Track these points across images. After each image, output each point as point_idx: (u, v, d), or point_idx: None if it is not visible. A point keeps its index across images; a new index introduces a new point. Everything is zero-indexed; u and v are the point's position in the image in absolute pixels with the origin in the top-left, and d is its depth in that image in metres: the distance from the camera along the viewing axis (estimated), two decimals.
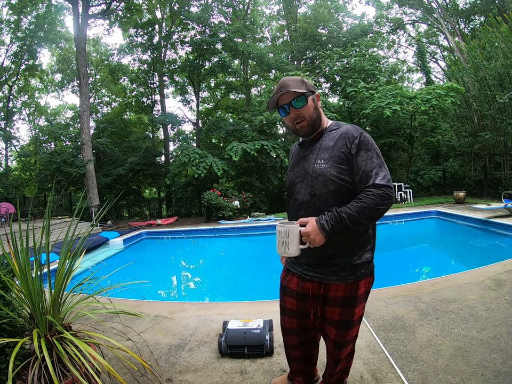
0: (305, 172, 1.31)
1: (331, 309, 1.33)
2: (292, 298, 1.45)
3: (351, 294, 1.30)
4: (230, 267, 6.07)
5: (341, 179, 1.22)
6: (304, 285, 1.38)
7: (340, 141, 1.25)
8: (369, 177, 1.18)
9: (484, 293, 2.78)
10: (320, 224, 1.17)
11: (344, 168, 1.22)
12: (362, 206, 1.14)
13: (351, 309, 1.31)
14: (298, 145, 1.46)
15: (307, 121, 1.29)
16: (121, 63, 18.54)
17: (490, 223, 6.42)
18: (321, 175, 1.24)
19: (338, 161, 1.23)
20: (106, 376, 1.53)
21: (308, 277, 1.36)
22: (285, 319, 1.52)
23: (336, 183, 1.22)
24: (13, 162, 22.38)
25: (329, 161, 1.24)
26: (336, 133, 1.29)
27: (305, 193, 1.29)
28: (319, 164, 1.26)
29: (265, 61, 14.26)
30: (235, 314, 2.71)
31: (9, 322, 1.46)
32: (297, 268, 1.42)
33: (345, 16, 19.49)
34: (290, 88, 1.25)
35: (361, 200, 1.16)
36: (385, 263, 5.48)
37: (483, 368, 1.77)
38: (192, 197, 14.67)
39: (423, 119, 12.88)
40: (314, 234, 1.16)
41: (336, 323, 1.34)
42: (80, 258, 1.83)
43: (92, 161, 12.37)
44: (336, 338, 1.37)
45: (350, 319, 1.33)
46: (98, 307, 2.17)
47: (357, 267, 1.28)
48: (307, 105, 1.28)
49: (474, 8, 17.20)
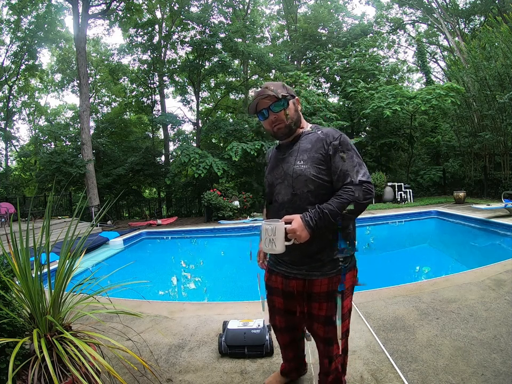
0: (285, 173, 1.35)
1: (317, 305, 1.37)
2: (279, 297, 1.50)
3: (334, 288, 1.34)
4: (230, 267, 6.07)
5: (320, 178, 1.29)
6: (288, 283, 1.42)
7: (318, 143, 1.32)
8: (348, 176, 1.25)
9: (483, 293, 2.78)
10: (305, 221, 1.22)
11: (322, 168, 1.29)
12: (343, 202, 1.21)
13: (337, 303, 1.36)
14: (276, 148, 1.51)
15: (290, 120, 1.35)
16: (121, 63, 18.54)
17: (490, 223, 6.42)
18: (302, 175, 1.30)
19: (317, 162, 1.30)
20: (106, 376, 1.53)
21: (292, 275, 1.40)
22: (275, 317, 1.58)
23: (315, 182, 1.29)
24: (13, 162, 22.40)
25: (308, 162, 1.30)
26: (314, 136, 1.35)
27: (285, 194, 1.35)
28: (299, 165, 1.32)
29: (265, 61, 14.25)
30: (235, 314, 2.71)
31: (9, 322, 1.46)
32: (280, 267, 1.45)
33: (345, 16, 19.50)
34: (270, 92, 1.31)
35: (341, 197, 1.22)
36: (385, 263, 5.48)
37: (483, 368, 1.77)
38: (192, 197, 14.66)
39: (423, 119, 12.87)
40: (300, 230, 1.21)
41: (323, 318, 1.37)
42: (80, 258, 1.83)
43: (91, 161, 12.37)
44: (325, 334, 1.39)
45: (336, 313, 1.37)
46: (98, 307, 2.17)
47: (337, 261, 1.33)
48: (288, 108, 1.34)
49: (474, 8, 17.20)
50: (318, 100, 11.93)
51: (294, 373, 1.76)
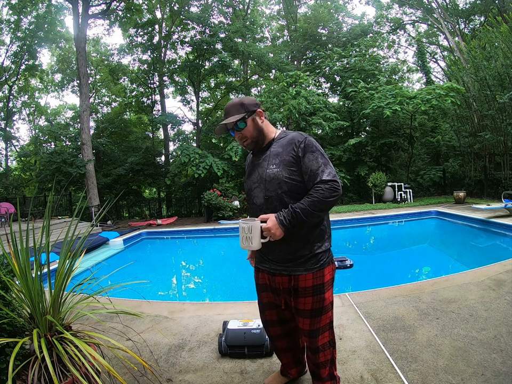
0: (261, 177, 1.46)
1: (303, 300, 1.45)
2: (267, 292, 1.58)
3: (318, 282, 1.44)
4: (230, 267, 6.07)
5: (292, 179, 1.38)
6: (274, 279, 1.50)
7: (287, 146, 1.41)
8: (317, 175, 1.33)
9: (484, 293, 2.78)
10: (279, 220, 1.31)
11: (294, 170, 1.38)
12: (313, 200, 1.29)
13: (321, 295, 1.45)
14: (252, 154, 1.61)
15: (250, 139, 1.48)
16: (121, 63, 18.55)
17: (490, 223, 6.42)
18: (275, 178, 1.39)
19: (288, 164, 1.39)
20: (106, 376, 1.53)
21: (277, 271, 1.48)
22: (265, 313, 1.64)
23: (288, 184, 1.37)
24: (13, 162, 22.40)
25: (280, 165, 1.39)
26: (283, 140, 1.45)
27: (262, 196, 1.44)
28: (272, 169, 1.41)
29: (265, 61, 14.25)
30: (235, 314, 2.71)
31: (9, 322, 1.46)
32: (265, 264, 1.53)
33: (345, 16, 19.47)
34: (231, 115, 1.45)
35: (312, 196, 1.31)
36: (385, 263, 5.48)
37: (483, 368, 1.77)
38: (192, 197, 14.66)
39: (423, 119, 12.87)
40: (275, 229, 1.30)
41: (309, 312, 1.46)
42: (80, 258, 1.83)
43: (91, 161, 12.37)
44: (310, 327, 1.48)
45: (321, 305, 1.46)
46: (98, 307, 2.17)
47: (318, 255, 1.43)
48: (247, 127, 1.45)
49: (474, 8, 17.19)
50: (318, 99, 11.93)
51: (293, 368, 1.74)
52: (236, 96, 20.04)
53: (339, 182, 1.33)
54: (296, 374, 1.76)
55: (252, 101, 1.48)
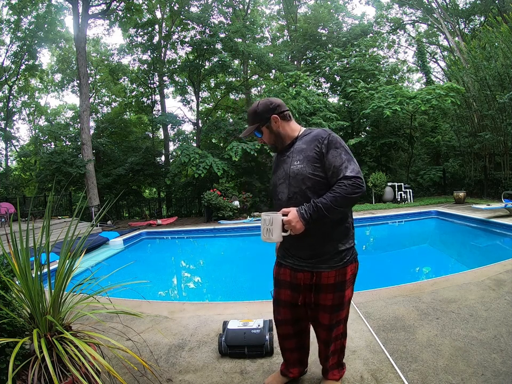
0: (286, 174, 1.49)
1: (324, 296, 1.48)
2: (286, 289, 1.57)
3: (340, 279, 1.46)
4: (230, 267, 6.07)
5: (316, 175, 1.40)
6: (296, 275, 1.51)
7: (311, 143, 1.44)
8: (340, 171, 1.34)
9: (484, 293, 2.78)
10: (300, 213, 1.34)
11: (317, 166, 1.40)
12: (335, 196, 1.30)
13: (342, 292, 1.48)
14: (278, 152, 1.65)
15: (269, 144, 1.58)
16: (121, 63, 18.54)
17: (490, 223, 6.42)
18: (299, 174, 1.42)
19: (312, 160, 1.41)
20: (106, 376, 1.53)
21: (300, 267, 1.49)
22: (279, 310, 1.63)
23: (312, 180, 1.40)
24: (13, 162, 22.39)
25: (304, 161, 1.42)
26: (307, 137, 1.48)
27: (286, 192, 1.47)
28: (296, 165, 1.44)
29: (265, 61, 14.24)
30: (235, 314, 2.71)
31: (9, 322, 1.46)
32: (288, 260, 1.55)
33: (345, 16, 19.49)
34: (249, 123, 1.55)
35: (334, 191, 1.32)
36: (385, 263, 5.48)
37: (483, 368, 1.77)
38: (192, 197, 14.66)
39: (423, 119, 12.87)
40: (295, 222, 1.33)
41: (329, 308, 1.50)
42: (80, 258, 1.83)
43: (91, 161, 12.36)
44: (329, 321, 1.52)
45: (341, 301, 1.50)
46: (98, 307, 2.17)
47: (342, 253, 1.45)
48: (264, 135, 1.54)
49: (474, 8, 17.19)
50: (318, 99, 11.93)
51: (296, 367, 1.74)
52: (236, 96, 20.09)
53: (362, 178, 1.34)
54: (297, 373, 1.76)
55: (266, 107, 1.50)
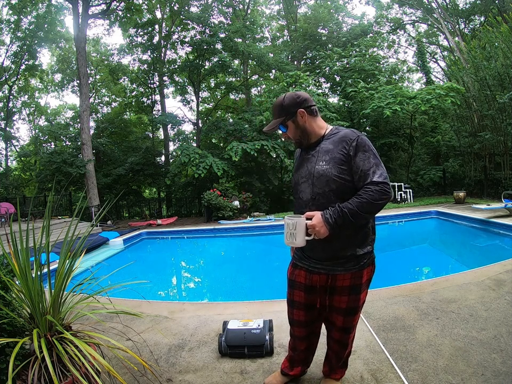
0: (309, 173, 1.42)
1: (338, 298, 1.46)
2: (300, 291, 1.54)
3: (356, 282, 1.43)
4: (230, 267, 6.07)
5: (342, 178, 1.33)
6: (311, 277, 1.48)
7: (339, 144, 1.37)
8: (367, 176, 1.29)
9: (484, 293, 2.78)
10: (324, 218, 1.29)
11: (344, 168, 1.33)
12: (362, 201, 1.25)
13: (357, 295, 1.45)
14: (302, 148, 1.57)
15: (294, 139, 1.49)
16: (121, 63, 18.54)
17: (490, 223, 6.41)
18: (324, 175, 1.35)
19: (338, 162, 1.34)
20: (106, 376, 1.53)
21: (315, 270, 1.46)
22: (293, 311, 1.61)
23: (337, 182, 1.34)
24: (13, 162, 22.39)
25: (330, 163, 1.35)
26: (335, 137, 1.40)
27: (309, 192, 1.41)
28: (321, 166, 1.37)
29: (265, 61, 14.24)
30: (235, 314, 2.71)
31: (9, 322, 1.46)
32: (304, 262, 1.51)
33: (345, 16, 19.48)
34: (275, 116, 1.47)
35: (361, 196, 1.27)
36: (385, 263, 5.47)
37: (483, 368, 1.77)
38: (192, 197, 14.66)
39: (423, 119, 12.87)
40: (319, 226, 1.28)
41: (343, 310, 1.47)
42: (80, 258, 1.83)
43: (92, 161, 12.37)
44: (343, 324, 1.51)
45: (356, 305, 1.47)
46: (98, 307, 2.17)
47: (360, 257, 1.40)
48: (289, 129, 1.47)
49: (474, 8, 17.18)
50: (318, 100, 11.93)
51: (300, 365, 1.74)
52: (236, 96, 20.09)
53: (390, 184, 1.29)
54: (299, 372, 1.76)
55: (293, 101, 1.42)
